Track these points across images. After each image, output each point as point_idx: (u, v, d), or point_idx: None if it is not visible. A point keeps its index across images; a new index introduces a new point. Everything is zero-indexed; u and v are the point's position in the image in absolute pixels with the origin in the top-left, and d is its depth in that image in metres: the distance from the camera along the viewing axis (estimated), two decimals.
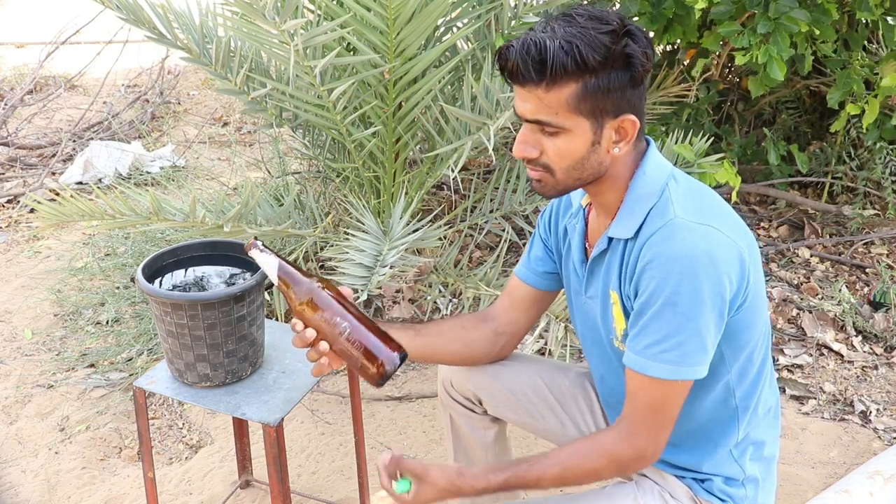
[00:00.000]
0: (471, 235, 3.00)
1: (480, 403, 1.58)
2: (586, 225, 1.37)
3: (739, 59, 2.55)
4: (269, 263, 1.27)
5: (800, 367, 2.59)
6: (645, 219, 1.21)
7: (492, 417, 1.61)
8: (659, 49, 3.29)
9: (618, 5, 3.05)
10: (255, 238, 1.29)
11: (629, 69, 1.15)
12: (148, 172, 3.95)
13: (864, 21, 2.94)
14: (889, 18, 2.66)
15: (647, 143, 1.28)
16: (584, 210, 1.37)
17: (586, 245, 1.36)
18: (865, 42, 2.96)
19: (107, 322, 2.77)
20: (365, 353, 1.24)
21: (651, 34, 3.07)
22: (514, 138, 1.25)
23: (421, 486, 1.27)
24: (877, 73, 2.83)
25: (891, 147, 3.11)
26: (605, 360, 1.36)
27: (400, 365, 1.25)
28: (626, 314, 1.25)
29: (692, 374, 1.18)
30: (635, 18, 2.84)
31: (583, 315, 1.38)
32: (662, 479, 1.36)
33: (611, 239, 1.26)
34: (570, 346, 2.32)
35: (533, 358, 1.65)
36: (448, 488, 1.26)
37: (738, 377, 1.28)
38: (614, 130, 1.19)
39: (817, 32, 2.65)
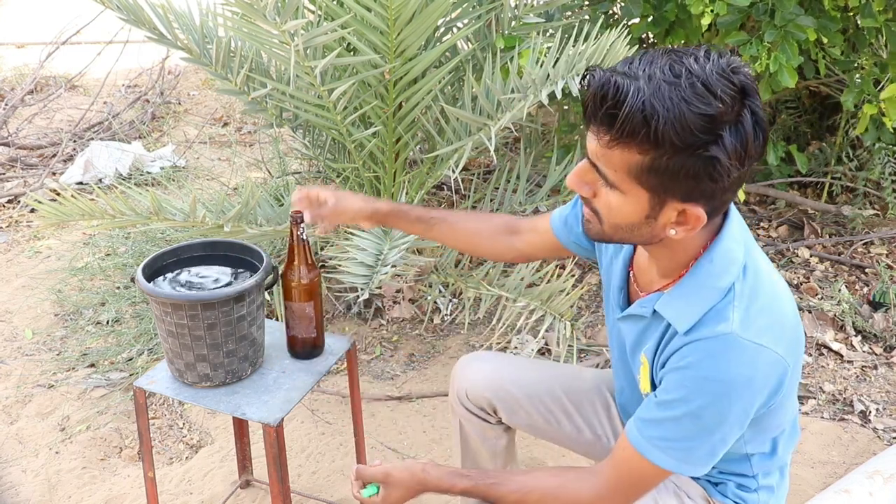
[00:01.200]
0: None
1: (495, 413, 1.58)
2: (634, 250, 1.28)
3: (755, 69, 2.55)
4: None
5: None
6: (701, 318, 1.09)
7: (505, 427, 1.61)
8: None
9: (621, 4, 3.05)
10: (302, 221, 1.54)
11: (708, 169, 0.97)
12: (148, 172, 3.95)
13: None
14: (893, 26, 2.64)
15: (725, 217, 1.11)
16: None
17: (630, 272, 1.28)
18: (872, 40, 2.96)
19: (107, 322, 2.78)
20: (318, 325, 1.62)
21: (653, 37, 3.08)
22: (515, 137, 1.23)
23: (388, 489, 1.29)
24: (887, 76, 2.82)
25: (889, 147, 3.11)
26: (627, 377, 1.35)
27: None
28: (652, 382, 1.21)
29: (691, 471, 1.15)
30: (636, 20, 2.84)
31: (614, 329, 1.34)
32: (678, 476, 1.35)
33: (656, 310, 1.16)
34: (575, 346, 2.32)
35: (551, 364, 1.66)
36: (414, 486, 1.29)
37: (757, 450, 1.27)
38: (677, 212, 1.04)
39: (825, 40, 2.65)
